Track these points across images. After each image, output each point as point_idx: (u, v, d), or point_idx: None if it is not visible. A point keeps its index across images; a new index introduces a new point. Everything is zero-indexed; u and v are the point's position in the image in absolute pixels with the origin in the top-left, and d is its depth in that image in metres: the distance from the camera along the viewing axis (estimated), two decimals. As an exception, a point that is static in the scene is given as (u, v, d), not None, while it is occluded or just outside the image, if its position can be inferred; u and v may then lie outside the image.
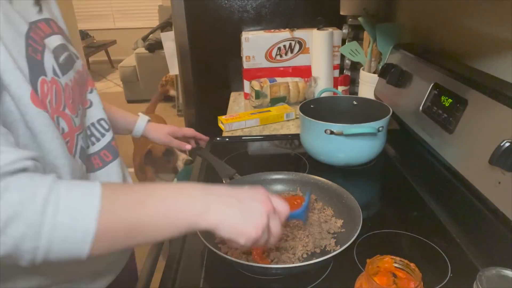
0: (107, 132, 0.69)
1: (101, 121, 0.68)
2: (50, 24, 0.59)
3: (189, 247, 0.74)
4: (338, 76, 1.59)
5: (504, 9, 0.82)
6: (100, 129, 0.68)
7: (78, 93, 0.62)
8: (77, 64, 0.63)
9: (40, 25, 0.56)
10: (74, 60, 0.63)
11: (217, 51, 1.71)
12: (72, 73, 0.60)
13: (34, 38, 0.53)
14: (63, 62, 0.58)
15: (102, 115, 0.69)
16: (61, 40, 0.59)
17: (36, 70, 0.51)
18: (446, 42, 1.07)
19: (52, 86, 0.53)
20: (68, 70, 0.59)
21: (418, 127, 0.98)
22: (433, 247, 0.70)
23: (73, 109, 0.58)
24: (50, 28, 0.58)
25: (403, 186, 0.94)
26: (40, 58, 0.52)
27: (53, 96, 0.53)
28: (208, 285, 0.66)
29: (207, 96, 1.79)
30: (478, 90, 0.78)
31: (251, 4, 1.62)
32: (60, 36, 0.60)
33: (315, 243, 0.68)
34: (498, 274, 0.48)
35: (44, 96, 0.52)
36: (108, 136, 0.69)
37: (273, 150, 1.17)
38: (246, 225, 0.49)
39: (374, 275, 0.51)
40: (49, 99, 0.53)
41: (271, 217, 0.52)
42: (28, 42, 0.51)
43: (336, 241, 0.69)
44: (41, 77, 0.52)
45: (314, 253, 0.68)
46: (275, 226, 0.52)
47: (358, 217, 0.69)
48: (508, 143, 0.64)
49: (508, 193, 0.65)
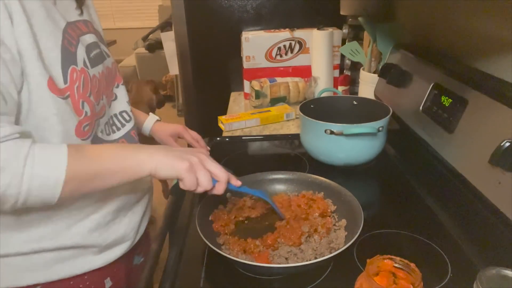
0: (127, 123, 0.79)
1: (123, 113, 0.78)
2: (87, 25, 0.70)
3: (189, 247, 0.74)
4: (338, 76, 1.60)
5: (504, 9, 0.82)
6: (121, 120, 0.78)
7: (105, 86, 0.72)
8: (107, 61, 0.74)
9: (78, 24, 0.67)
10: (105, 57, 0.73)
11: (217, 51, 1.71)
12: (101, 67, 0.70)
13: (70, 33, 0.63)
14: (93, 57, 0.68)
15: (125, 107, 0.79)
16: (94, 39, 0.71)
17: (68, 60, 0.61)
18: (446, 42, 1.07)
19: (81, 75, 0.63)
20: (97, 64, 0.69)
21: (418, 127, 0.98)
22: (433, 247, 0.70)
23: (97, 98, 0.67)
24: (87, 28, 0.70)
25: (403, 186, 0.94)
26: (74, 51, 0.63)
27: (81, 83, 0.63)
28: (208, 285, 0.66)
29: (207, 96, 1.79)
30: (478, 90, 0.78)
31: (251, 4, 1.62)
32: (94, 35, 0.71)
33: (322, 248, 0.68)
34: (498, 274, 0.48)
35: (72, 82, 0.61)
36: (128, 126, 0.78)
37: (273, 150, 1.17)
38: (177, 161, 0.60)
39: (374, 275, 0.51)
40: (77, 85, 0.62)
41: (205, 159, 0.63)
42: (64, 35, 0.62)
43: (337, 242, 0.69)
44: (72, 66, 0.62)
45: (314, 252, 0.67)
46: (215, 167, 0.63)
47: (359, 217, 0.69)
48: (508, 143, 0.64)
49: (508, 193, 0.65)
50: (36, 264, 0.64)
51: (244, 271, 0.67)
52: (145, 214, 0.81)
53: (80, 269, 0.68)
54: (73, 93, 0.61)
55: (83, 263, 0.68)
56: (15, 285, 0.64)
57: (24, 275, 0.64)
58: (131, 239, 0.76)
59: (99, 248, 0.70)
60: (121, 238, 0.73)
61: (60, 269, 0.66)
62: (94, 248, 0.69)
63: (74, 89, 0.61)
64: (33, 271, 0.64)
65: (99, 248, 0.70)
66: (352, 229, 0.69)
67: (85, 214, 0.67)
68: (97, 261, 0.70)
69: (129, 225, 0.75)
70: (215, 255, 0.63)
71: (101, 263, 0.71)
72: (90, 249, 0.68)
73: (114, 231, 0.72)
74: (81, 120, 0.63)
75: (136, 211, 0.78)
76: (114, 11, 6.05)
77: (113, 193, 0.71)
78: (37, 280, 0.65)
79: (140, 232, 0.80)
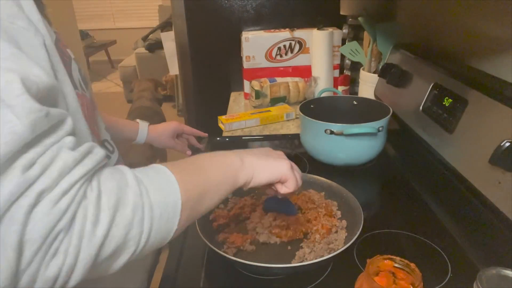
0: (112, 154, 0.67)
1: (104, 143, 0.65)
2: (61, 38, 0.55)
3: (189, 247, 0.74)
4: (338, 76, 1.60)
5: (504, 9, 0.82)
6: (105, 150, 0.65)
7: (93, 110, 0.60)
8: (89, 82, 0.63)
9: (59, 37, 0.53)
10: (87, 79, 0.62)
11: (217, 51, 1.71)
12: (90, 89, 0.60)
13: (61, 48, 0.51)
14: (84, 77, 0.57)
15: (105, 135, 0.66)
16: (70, 52, 0.56)
17: (74, 85, 0.50)
18: (446, 42, 1.07)
19: (83, 101, 0.53)
20: (87, 85, 0.58)
21: (418, 127, 0.98)
22: (433, 247, 0.70)
23: (97, 127, 0.59)
24: (63, 42, 0.54)
25: (403, 186, 0.94)
26: (70, 71, 0.51)
27: (86, 111, 0.52)
28: (208, 285, 0.66)
29: (207, 96, 1.79)
30: (478, 90, 0.78)
31: (251, 4, 1.62)
32: (69, 49, 0.56)
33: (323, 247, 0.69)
34: (498, 274, 0.48)
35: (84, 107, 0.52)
36: (113, 158, 0.67)
37: (273, 150, 1.17)
38: (276, 163, 0.57)
39: (374, 275, 0.51)
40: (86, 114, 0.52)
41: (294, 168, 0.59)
42: (62, 58, 0.49)
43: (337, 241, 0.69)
44: (75, 90, 0.50)
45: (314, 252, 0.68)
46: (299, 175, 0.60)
47: (359, 217, 0.69)
48: (508, 143, 0.64)
49: (508, 193, 0.65)
50: None
51: (244, 271, 0.67)
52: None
53: None
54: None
55: None
56: None
57: None
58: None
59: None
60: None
61: None
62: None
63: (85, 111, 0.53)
64: None
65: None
66: (352, 229, 0.69)
67: None
68: None
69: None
70: (215, 255, 0.63)
71: None
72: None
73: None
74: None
75: None
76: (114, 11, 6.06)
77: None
78: None
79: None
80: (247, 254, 0.68)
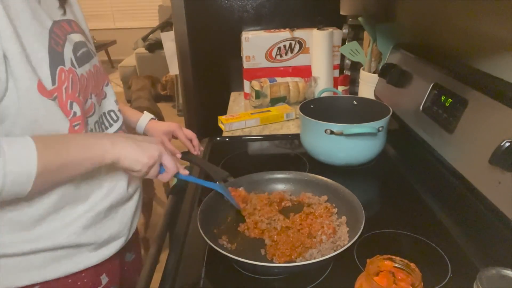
0: (115, 123, 0.78)
1: (110, 113, 0.78)
2: (71, 25, 0.69)
3: (189, 247, 0.75)
4: (338, 76, 1.60)
5: (504, 9, 0.82)
6: (109, 119, 0.77)
7: (95, 84, 0.72)
8: (93, 60, 0.73)
9: (63, 24, 0.66)
10: (92, 56, 0.73)
11: (217, 51, 1.71)
12: (88, 66, 0.70)
13: (57, 33, 0.63)
14: (80, 56, 0.67)
15: (112, 107, 0.79)
16: (80, 38, 0.70)
17: (56, 60, 0.61)
18: (446, 42, 1.07)
19: (69, 75, 0.63)
20: (84, 63, 0.68)
21: (418, 127, 0.98)
22: (433, 247, 0.70)
23: (84, 97, 0.67)
24: (71, 28, 0.68)
25: (403, 186, 0.94)
26: (61, 50, 0.62)
27: (69, 84, 0.62)
28: (208, 285, 0.66)
29: (207, 96, 1.79)
30: (478, 90, 0.78)
31: (251, 4, 1.62)
32: (80, 35, 0.70)
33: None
34: (498, 274, 0.48)
35: (61, 83, 0.61)
36: (115, 126, 0.78)
37: (273, 150, 1.17)
38: (141, 154, 0.63)
39: (374, 275, 0.51)
40: (66, 86, 0.62)
41: (164, 154, 0.67)
42: (51, 35, 0.61)
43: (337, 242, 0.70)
44: (60, 66, 0.61)
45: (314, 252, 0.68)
46: (168, 161, 0.67)
47: (360, 217, 0.69)
48: (508, 143, 0.64)
49: (508, 193, 0.65)
50: (33, 264, 0.64)
51: (244, 271, 0.67)
52: (136, 210, 0.82)
53: (77, 267, 0.69)
54: (60, 94, 0.61)
55: (79, 261, 0.69)
56: (13, 286, 0.64)
57: (22, 275, 0.64)
58: (125, 235, 0.77)
59: (94, 246, 0.70)
60: (115, 235, 0.74)
61: (57, 268, 0.67)
62: (90, 245, 0.70)
63: (62, 90, 0.61)
64: (30, 271, 0.65)
65: (95, 246, 0.70)
66: (353, 228, 0.69)
67: (79, 213, 0.68)
68: (93, 258, 0.71)
69: (122, 221, 0.76)
70: (216, 254, 0.63)
71: (97, 260, 0.71)
72: (85, 247, 0.69)
73: (108, 228, 0.73)
74: (71, 120, 0.63)
75: (128, 207, 0.78)
76: (114, 11, 6.06)
77: (106, 191, 0.72)
78: (35, 280, 0.65)
79: (133, 228, 0.81)
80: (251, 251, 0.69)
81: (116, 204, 0.74)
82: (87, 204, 0.69)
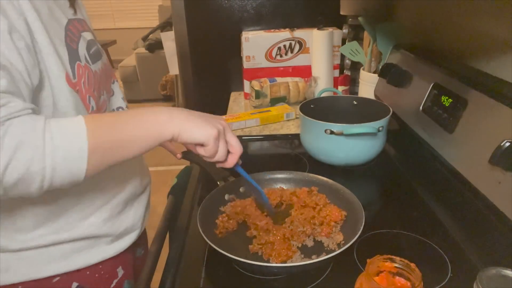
0: None
1: (119, 109, 0.81)
2: (82, 23, 0.71)
3: (189, 247, 0.75)
4: (338, 76, 1.59)
5: (504, 9, 0.82)
6: None
7: (104, 82, 0.74)
8: (103, 58, 0.75)
9: (75, 22, 0.68)
10: (101, 54, 0.75)
11: (217, 51, 1.70)
12: (100, 63, 0.72)
13: (71, 30, 0.65)
14: (93, 53, 0.70)
15: (120, 103, 0.82)
16: (91, 36, 0.72)
17: (73, 56, 0.63)
18: (446, 42, 1.07)
19: (85, 71, 0.65)
20: (96, 60, 0.71)
21: (418, 127, 0.98)
22: (433, 247, 0.70)
23: (98, 93, 0.69)
24: (82, 27, 0.71)
25: (403, 186, 0.94)
26: (76, 47, 0.64)
27: (86, 79, 0.65)
28: (208, 285, 0.66)
29: (207, 96, 1.79)
30: (478, 90, 0.78)
31: (251, 4, 1.62)
32: (90, 33, 0.73)
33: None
34: (498, 274, 0.48)
35: (79, 78, 0.63)
36: None
37: (273, 150, 1.17)
38: (204, 125, 0.57)
39: (374, 275, 0.51)
40: (83, 81, 0.64)
41: (227, 130, 0.60)
42: (67, 32, 0.63)
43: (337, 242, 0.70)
44: (77, 62, 0.63)
45: (315, 252, 0.68)
46: (233, 139, 0.61)
47: (360, 217, 0.69)
48: (508, 143, 0.64)
49: (508, 193, 0.65)
50: (54, 256, 0.66)
51: (244, 271, 0.67)
52: (148, 204, 0.84)
53: (95, 259, 0.70)
54: (81, 88, 0.63)
55: (98, 253, 0.71)
56: (34, 277, 0.65)
57: (43, 267, 0.66)
58: (138, 228, 0.79)
59: (111, 238, 0.72)
60: (130, 228, 0.76)
61: (76, 259, 0.68)
62: (107, 237, 0.71)
63: (81, 84, 0.63)
64: (51, 262, 0.66)
65: (112, 238, 0.72)
66: (353, 228, 0.69)
67: (97, 205, 0.69)
68: (110, 250, 0.72)
69: (136, 215, 0.78)
70: (216, 254, 0.63)
71: (114, 252, 0.73)
72: (103, 239, 0.71)
73: (124, 220, 0.74)
74: (90, 114, 0.65)
75: (141, 201, 0.81)
76: (114, 11, 6.06)
77: (122, 184, 0.74)
78: (55, 271, 0.66)
79: (145, 222, 0.83)
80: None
81: (131, 197, 0.77)
82: (105, 197, 0.70)
